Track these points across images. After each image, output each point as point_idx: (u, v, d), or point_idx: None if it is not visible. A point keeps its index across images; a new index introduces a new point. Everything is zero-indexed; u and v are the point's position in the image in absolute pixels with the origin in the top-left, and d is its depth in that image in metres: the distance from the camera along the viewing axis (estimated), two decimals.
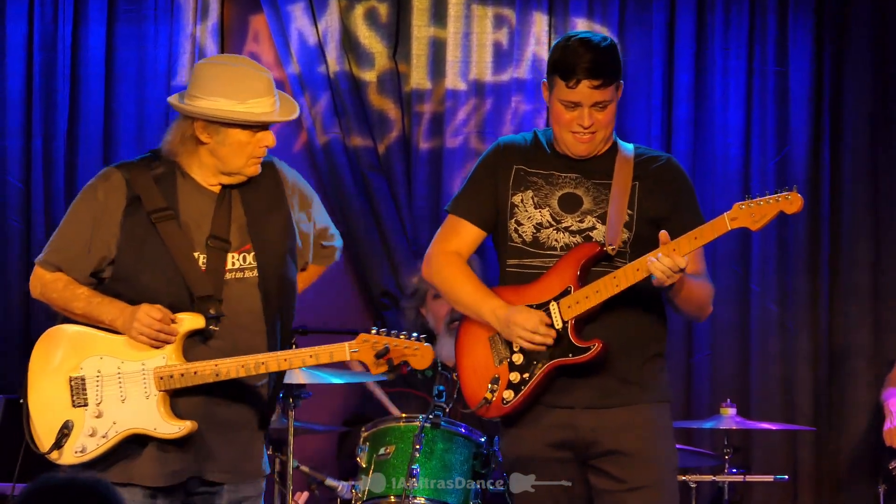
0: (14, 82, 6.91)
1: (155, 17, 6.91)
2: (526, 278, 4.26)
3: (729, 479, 6.13)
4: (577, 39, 4.22)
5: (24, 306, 6.89)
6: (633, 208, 4.25)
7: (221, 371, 4.08)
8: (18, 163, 6.90)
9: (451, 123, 6.89)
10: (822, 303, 6.82)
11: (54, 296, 4.26)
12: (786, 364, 6.81)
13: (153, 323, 4.09)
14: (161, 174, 4.24)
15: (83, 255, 4.22)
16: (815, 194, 6.80)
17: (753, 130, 6.89)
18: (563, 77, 4.18)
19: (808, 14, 6.86)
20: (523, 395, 4.20)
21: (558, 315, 4.17)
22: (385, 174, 6.86)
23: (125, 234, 4.19)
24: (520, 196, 4.30)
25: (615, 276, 4.12)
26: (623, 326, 4.22)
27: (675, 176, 4.35)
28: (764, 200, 4.06)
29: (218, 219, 4.21)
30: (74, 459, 4.16)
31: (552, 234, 4.26)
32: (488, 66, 6.90)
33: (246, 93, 4.14)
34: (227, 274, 4.19)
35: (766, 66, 6.87)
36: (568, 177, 4.29)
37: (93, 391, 4.16)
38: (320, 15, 6.86)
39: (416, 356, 4.07)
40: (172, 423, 4.11)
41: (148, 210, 4.18)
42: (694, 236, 4.07)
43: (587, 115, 4.19)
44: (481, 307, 4.27)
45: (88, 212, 4.23)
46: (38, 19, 6.91)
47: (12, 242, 6.90)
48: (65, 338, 4.26)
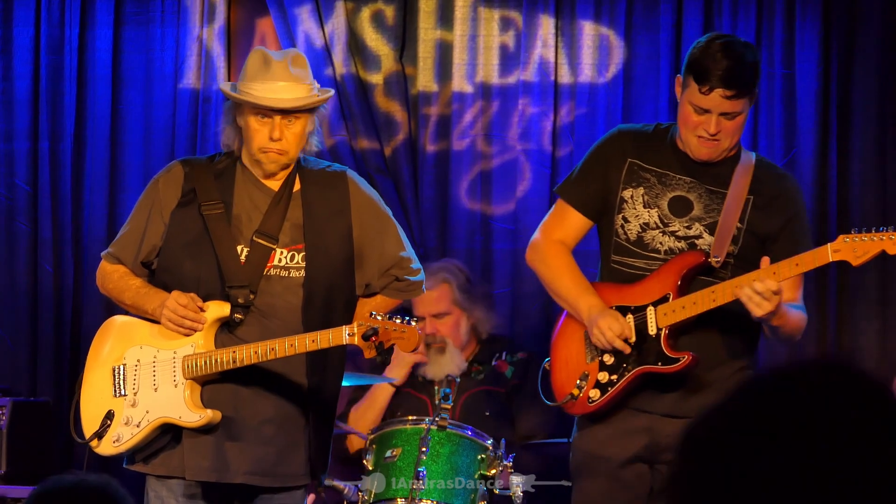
0: (21, 85, 6.92)
1: (162, 20, 6.92)
2: (627, 277, 4.22)
3: None
4: (720, 43, 4.12)
5: (33, 309, 6.90)
6: (742, 222, 4.19)
7: (238, 357, 4.09)
8: (25, 165, 6.91)
9: (458, 126, 6.89)
10: (830, 306, 6.81)
11: (110, 287, 4.33)
12: None
13: (178, 308, 4.12)
14: (223, 168, 4.31)
15: (136, 245, 4.29)
16: (822, 196, 6.79)
17: (761, 132, 6.87)
18: (697, 80, 4.09)
19: (816, 16, 6.85)
20: (609, 396, 4.17)
21: (654, 321, 4.13)
22: (392, 176, 6.86)
23: (174, 224, 4.25)
24: (630, 191, 4.24)
25: (713, 291, 4.07)
26: (713, 339, 4.18)
27: (792, 196, 4.28)
28: (868, 237, 4.02)
29: (270, 214, 4.23)
30: (112, 449, 4.20)
31: (657, 236, 4.21)
32: (495, 69, 6.89)
33: (251, 75, 4.18)
34: (270, 269, 4.19)
35: (773, 69, 6.86)
36: (682, 179, 4.23)
37: (130, 380, 4.21)
38: (327, 17, 6.86)
39: (403, 338, 4.04)
40: (195, 411, 4.12)
41: (200, 202, 4.21)
42: (795, 263, 4.01)
43: (715, 123, 4.10)
44: (578, 302, 4.23)
45: (147, 203, 4.33)
46: (45, 23, 6.92)
47: (20, 245, 6.91)
48: (114, 329, 4.35)
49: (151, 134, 6.93)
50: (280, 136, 4.18)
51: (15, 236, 6.91)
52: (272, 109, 4.16)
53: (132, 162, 6.96)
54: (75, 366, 6.85)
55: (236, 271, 4.17)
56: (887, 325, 6.82)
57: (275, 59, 4.20)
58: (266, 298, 4.19)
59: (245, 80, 4.20)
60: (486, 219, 6.69)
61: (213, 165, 4.31)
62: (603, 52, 6.85)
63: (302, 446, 4.26)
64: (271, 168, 4.24)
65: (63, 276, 6.89)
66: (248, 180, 4.26)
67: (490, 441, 5.07)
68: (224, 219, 4.21)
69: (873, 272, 6.83)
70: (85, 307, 6.88)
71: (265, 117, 4.17)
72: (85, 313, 6.88)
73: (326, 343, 4.06)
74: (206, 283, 4.18)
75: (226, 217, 4.21)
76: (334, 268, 4.25)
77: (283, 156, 4.22)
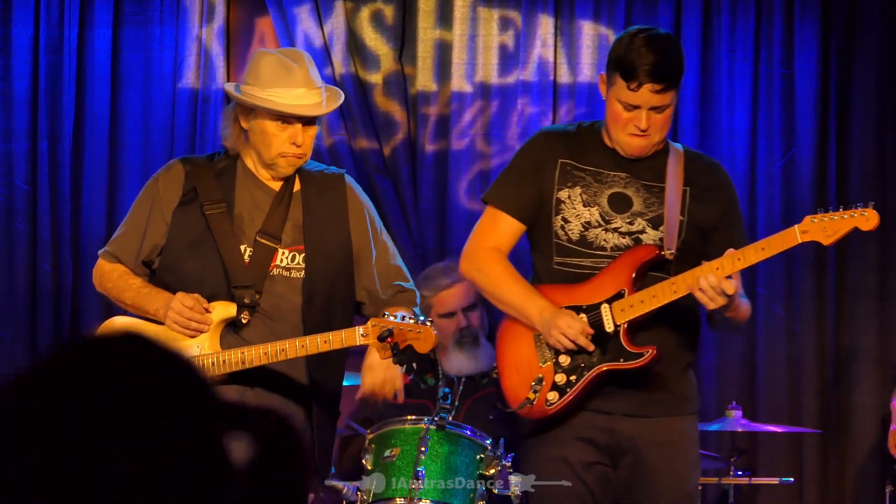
0: (20, 85, 6.92)
1: (161, 20, 6.92)
2: (574, 278, 4.15)
3: (734, 482, 6.12)
4: (642, 37, 4.07)
5: (31, 309, 6.90)
6: (684, 214, 4.15)
7: (247, 358, 4.08)
8: (24, 165, 6.91)
9: (457, 125, 6.89)
10: (829, 305, 6.81)
11: (109, 286, 4.30)
12: (792, 366, 6.80)
13: (184, 310, 4.10)
14: (223, 168, 4.29)
15: (136, 244, 4.26)
16: (821, 197, 6.79)
17: (759, 133, 6.87)
18: (625, 77, 4.04)
19: (815, 16, 6.85)
20: (568, 398, 4.09)
21: (610, 318, 4.06)
22: (391, 176, 6.86)
23: (176, 223, 4.23)
24: (567, 192, 4.18)
25: (674, 283, 4.01)
26: (666, 335, 4.13)
27: (725, 184, 4.24)
28: (838, 215, 3.94)
29: (272, 214, 4.22)
30: None
31: (601, 233, 4.15)
32: (494, 69, 6.89)
33: (270, 80, 4.14)
34: (273, 269, 4.19)
35: (772, 69, 6.86)
36: (617, 175, 4.18)
37: None
38: (326, 17, 6.86)
39: (419, 339, 4.01)
40: None
41: (202, 201, 4.20)
42: (761, 247, 3.96)
43: (645, 118, 4.06)
44: (527, 306, 4.14)
45: (146, 202, 4.30)
46: (45, 23, 6.92)
47: (18, 245, 6.91)
48: (115, 330, 4.29)
49: (150, 134, 6.93)
50: (302, 142, 4.18)
51: (14, 236, 6.91)
52: (298, 117, 4.16)
53: (131, 162, 6.96)
54: None
55: (241, 271, 4.16)
56: (886, 325, 6.82)
57: (294, 64, 4.17)
58: (269, 299, 4.18)
59: (262, 84, 4.16)
60: None
61: (214, 165, 4.29)
62: (602, 52, 6.85)
63: None
64: (287, 171, 4.23)
65: (62, 276, 6.89)
66: (249, 180, 4.26)
67: (489, 441, 5.06)
68: (227, 218, 4.20)
69: (872, 271, 6.83)
70: (84, 307, 6.88)
71: (286, 123, 4.16)
72: (84, 313, 6.88)
73: (339, 344, 4.05)
74: (210, 283, 4.17)
75: (228, 216, 4.20)
76: (333, 269, 4.24)
77: (301, 159, 4.23)
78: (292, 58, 4.20)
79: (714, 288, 3.92)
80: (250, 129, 4.20)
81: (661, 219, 4.14)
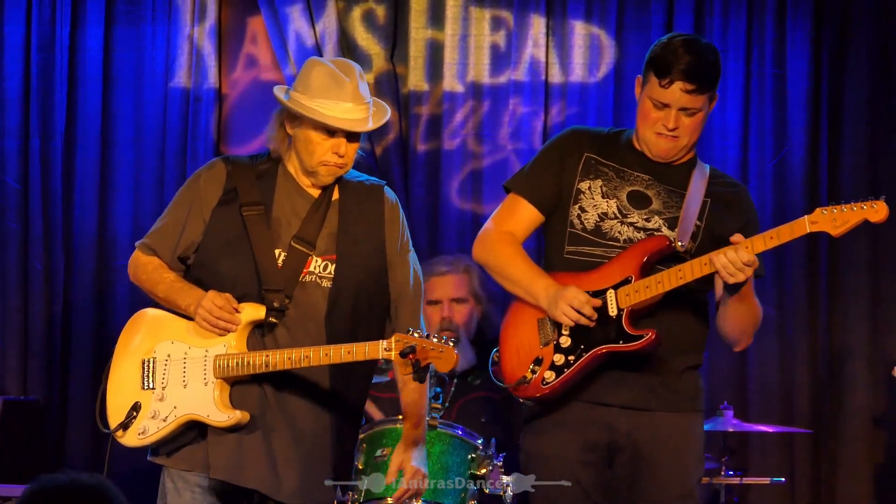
0: (12, 83, 6.91)
1: (153, 19, 6.92)
2: (585, 266, 4.16)
3: (726, 482, 6.13)
4: (681, 39, 4.13)
5: (23, 307, 6.89)
6: (702, 220, 4.17)
7: (271, 362, 4.09)
8: (16, 164, 6.91)
9: (449, 125, 6.89)
10: (820, 305, 6.82)
11: (143, 277, 4.32)
12: (783, 366, 6.80)
13: (214, 309, 4.12)
14: (265, 170, 4.30)
15: (174, 239, 4.28)
16: (813, 196, 6.79)
17: (751, 132, 6.88)
18: (658, 74, 4.08)
19: (807, 16, 6.85)
20: (565, 378, 4.08)
21: (614, 302, 4.06)
22: (382, 176, 6.80)
23: (214, 221, 4.24)
24: (588, 183, 4.20)
25: (680, 269, 4.02)
26: (671, 330, 4.12)
27: (747, 205, 4.27)
28: (848, 207, 3.94)
29: (309, 221, 4.23)
30: (137, 441, 4.20)
31: (616, 225, 4.16)
32: (486, 68, 6.89)
33: (320, 91, 4.15)
34: (306, 276, 4.20)
35: (764, 69, 6.87)
36: (640, 176, 4.20)
37: (160, 375, 4.21)
38: (318, 16, 6.86)
39: (441, 358, 4.01)
40: (224, 411, 4.12)
41: (241, 202, 4.22)
42: (770, 236, 3.97)
43: (674, 118, 4.09)
44: (533, 285, 4.16)
45: (187, 198, 4.31)
46: (36, 21, 6.91)
47: (10, 244, 6.90)
48: (145, 321, 4.33)
49: (142, 132, 6.93)
50: (345, 154, 4.20)
51: (5, 234, 6.91)
52: (343, 130, 4.17)
53: (122, 160, 6.95)
54: (66, 364, 6.85)
55: (273, 275, 4.18)
56: (877, 325, 6.82)
57: (345, 78, 4.18)
58: (300, 305, 4.19)
59: (311, 94, 4.17)
60: (476, 218, 6.69)
61: (255, 166, 4.31)
62: (594, 52, 6.85)
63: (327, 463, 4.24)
64: (328, 180, 4.25)
65: (53, 274, 6.89)
66: (289, 184, 4.27)
67: (480, 440, 5.07)
68: (264, 221, 4.22)
69: (864, 272, 6.83)
70: (75, 305, 6.88)
71: (331, 135, 4.18)
72: (75, 311, 6.88)
73: (362, 356, 4.05)
74: (242, 284, 4.18)
75: (265, 219, 4.22)
76: (363, 279, 4.23)
77: (343, 169, 4.24)
78: (344, 70, 4.21)
79: (734, 263, 3.94)
80: (295, 136, 4.22)
81: (678, 221, 4.17)
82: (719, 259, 3.96)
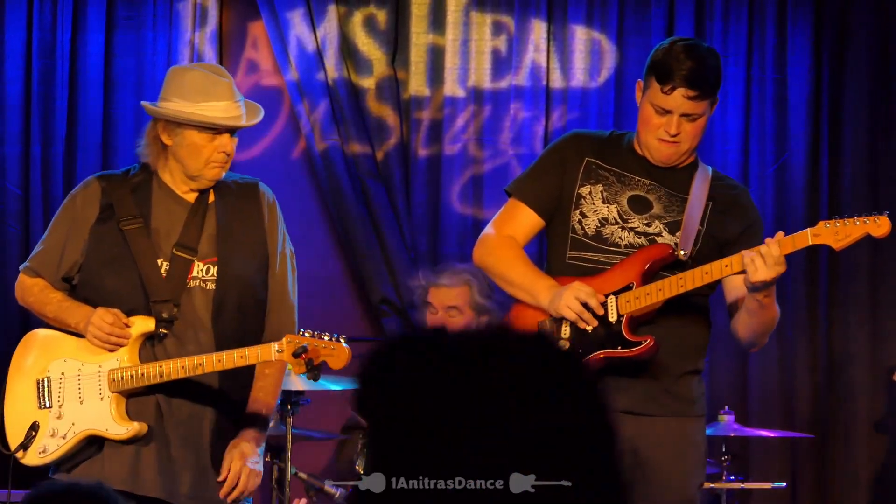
0: (13, 89, 6.91)
1: (154, 24, 6.92)
2: (587, 272, 4.15)
3: (727, 487, 6.13)
4: (682, 45, 4.12)
5: (23, 313, 6.88)
6: (703, 224, 4.16)
7: (164, 372, 4.14)
8: (17, 169, 6.91)
9: (450, 130, 6.89)
10: (821, 310, 6.82)
11: (31, 300, 4.41)
12: (784, 371, 6.81)
13: (104, 326, 4.18)
14: (139, 182, 4.35)
15: (56, 261, 4.34)
16: (813, 202, 6.80)
17: (752, 137, 6.88)
18: (659, 80, 4.07)
19: (807, 21, 6.86)
20: None
21: (615, 308, 4.06)
22: (383, 181, 6.86)
23: (93, 240, 4.29)
24: (588, 188, 4.20)
25: (682, 278, 4.02)
26: (672, 335, 4.12)
27: (749, 207, 4.27)
28: (851, 221, 3.96)
29: (188, 227, 4.27)
30: (38, 460, 4.25)
31: (617, 231, 4.16)
32: (487, 73, 6.90)
33: (199, 95, 4.20)
34: (191, 282, 4.23)
35: (764, 74, 6.87)
36: (642, 181, 4.20)
37: (56, 393, 4.27)
38: (319, 22, 6.87)
39: (333, 356, 4.05)
40: (122, 424, 4.17)
41: (119, 217, 4.25)
42: None
43: (675, 124, 4.08)
44: (535, 285, 4.15)
45: (65, 219, 4.37)
46: (37, 27, 6.91)
47: (10, 249, 6.90)
48: (37, 342, 4.40)
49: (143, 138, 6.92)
50: (231, 151, 4.23)
51: (5, 240, 6.90)
52: (230, 128, 4.20)
53: (123, 166, 6.91)
54: None
55: (159, 285, 4.22)
56: (877, 331, 6.83)
57: (220, 78, 4.23)
58: (187, 312, 4.22)
59: (192, 99, 4.20)
60: (477, 223, 6.68)
61: (129, 179, 4.35)
62: (595, 57, 6.86)
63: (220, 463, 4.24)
64: (216, 178, 4.28)
65: None
66: (165, 193, 4.30)
67: None
68: (143, 233, 4.26)
69: (863, 279, 6.84)
70: None
71: (216, 134, 4.20)
72: None
73: (255, 359, 4.11)
74: (129, 299, 4.22)
75: (145, 231, 4.26)
76: (246, 277, 4.27)
77: (227, 165, 4.27)
78: (215, 72, 4.28)
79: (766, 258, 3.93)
80: (175, 144, 4.24)
81: (679, 225, 4.16)
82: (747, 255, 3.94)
